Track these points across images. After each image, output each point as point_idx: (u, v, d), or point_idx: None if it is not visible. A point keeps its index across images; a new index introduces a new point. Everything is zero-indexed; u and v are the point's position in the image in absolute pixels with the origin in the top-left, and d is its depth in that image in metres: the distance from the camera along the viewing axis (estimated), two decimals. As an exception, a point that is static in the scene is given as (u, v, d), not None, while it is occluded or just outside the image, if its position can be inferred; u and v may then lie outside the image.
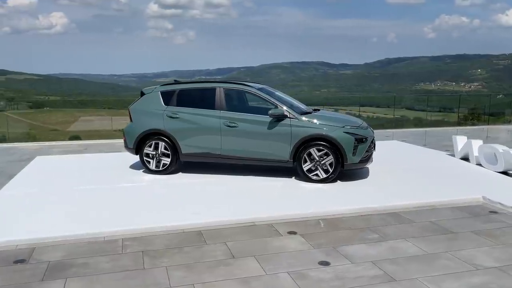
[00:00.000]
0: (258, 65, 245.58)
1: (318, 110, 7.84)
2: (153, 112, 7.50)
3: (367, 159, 7.08)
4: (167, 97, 7.57)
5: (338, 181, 6.99)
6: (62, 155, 9.78)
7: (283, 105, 7.13)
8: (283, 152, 6.99)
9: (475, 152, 8.35)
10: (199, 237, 4.78)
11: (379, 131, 13.71)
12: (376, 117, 25.51)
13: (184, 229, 4.99)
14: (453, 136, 9.29)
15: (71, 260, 4.17)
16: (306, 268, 3.98)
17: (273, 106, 7.09)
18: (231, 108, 7.30)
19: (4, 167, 8.60)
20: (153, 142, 7.43)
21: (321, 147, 6.82)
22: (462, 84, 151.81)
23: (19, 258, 4.21)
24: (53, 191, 6.55)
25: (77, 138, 15.58)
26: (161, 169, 7.48)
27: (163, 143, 7.39)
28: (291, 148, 6.92)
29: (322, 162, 6.84)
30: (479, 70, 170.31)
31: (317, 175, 6.89)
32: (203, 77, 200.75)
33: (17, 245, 4.53)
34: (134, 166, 8.09)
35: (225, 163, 7.50)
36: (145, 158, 7.53)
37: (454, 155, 9.11)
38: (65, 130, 22.87)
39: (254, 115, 7.16)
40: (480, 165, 8.16)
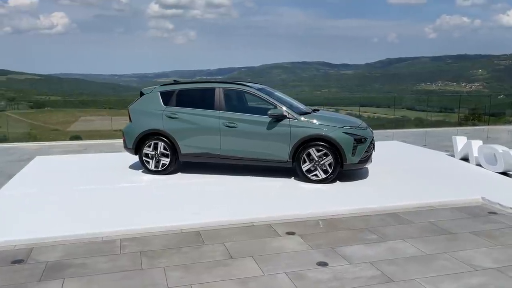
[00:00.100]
0: (259, 65, 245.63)
1: (318, 111, 7.83)
2: (153, 112, 7.50)
3: (366, 159, 7.07)
4: (166, 97, 7.57)
5: (338, 181, 6.98)
6: (61, 155, 9.79)
7: (282, 105, 7.12)
8: (282, 152, 6.98)
9: (475, 153, 8.34)
10: (197, 237, 4.77)
11: (379, 131, 13.71)
12: (377, 117, 25.48)
13: (182, 229, 4.99)
14: (453, 136, 9.27)
15: (69, 260, 4.17)
16: (304, 269, 3.98)
17: (273, 107, 7.09)
18: (231, 108, 7.30)
19: (4, 167, 8.60)
20: (153, 142, 7.43)
21: (320, 148, 6.81)
22: (463, 85, 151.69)
23: (17, 258, 4.21)
24: (51, 191, 6.55)
25: (77, 138, 15.59)
26: (160, 169, 7.48)
27: (162, 143, 7.39)
28: (290, 148, 6.92)
29: (321, 163, 6.83)
30: (480, 70, 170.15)
31: (316, 175, 6.88)
32: (204, 77, 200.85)
33: (15, 245, 4.52)
34: (133, 166, 8.09)
35: (224, 164, 7.50)
36: (144, 158, 7.53)
37: (454, 155, 9.10)
38: (65, 130, 22.89)
39: (254, 115, 7.16)
40: (480, 165, 8.15)
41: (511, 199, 5.94)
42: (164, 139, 7.38)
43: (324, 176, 6.85)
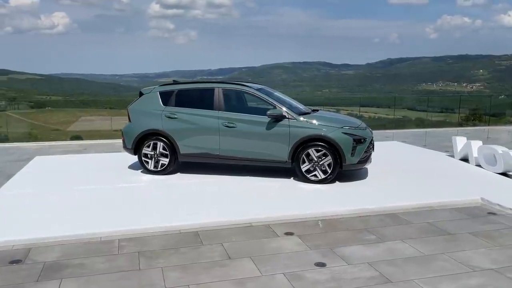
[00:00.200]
0: (260, 65, 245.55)
1: (317, 111, 7.82)
2: (152, 113, 7.49)
3: (365, 159, 7.06)
4: (165, 97, 7.56)
5: (337, 181, 6.97)
6: (61, 155, 9.78)
7: (281, 106, 7.11)
8: (281, 152, 6.97)
9: (475, 153, 8.32)
10: (195, 237, 4.77)
11: (379, 131, 13.70)
12: (378, 117, 25.46)
13: (181, 229, 4.98)
14: (453, 137, 9.26)
15: (67, 260, 4.17)
16: (302, 269, 3.97)
17: (272, 107, 7.08)
18: (230, 108, 7.29)
19: (3, 167, 8.60)
20: (152, 142, 7.43)
21: (319, 148, 6.80)
22: (464, 85, 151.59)
23: (15, 259, 4.21)
24: (50, 191, 6.54)
25: (78, 138, 15.59)
26: (159, 169, 7.47)
27: (162, 143, 7.38)
28: (290, 148, 6.91)
29: (321, 163, 6.82)
30: (481, 70, 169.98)
31: (315, 175, 6.87)
32: (205, 77, 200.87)
33: (13, 245, 4.52)
34: (132, 167, 8.08)
35: (223, 164, 7.49)
36: (143, 159, 7.52)
37: (453, 156, 9.08)
38: (65, 130, 22.90)
39: (253, 115, 7.15)
40: (480, 166, 8.14)
41: (510, 199, 5.93)
42: (163, 139, 7.38)
43: (323, 176, 6.84)
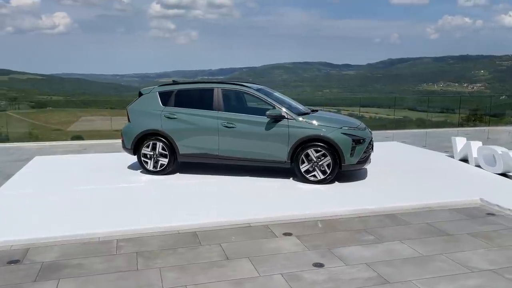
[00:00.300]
0: (261, 65, 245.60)
1: (317, 111, 7.82)
2: (151, 113, 7.49)
3: (365, 160, 7.05)
4: (165, 97, 7.56)
5: (336, 182, 6.97)
6: (61, 155, 9.79)
7: (281, 106, 7.11)
8: (280, 153, 6.97)
9: (474, 154, 8.31)
10: (194, 238, 4.76)
11: (380, 132, 13.70)
12: (379, 118, 25.44)
13: (179, 230, 4.98)
14: (452, 137, 9.25)
15: (65, 260, 4.17)
16: (300, 270, 3.97)
17: (271, 107, 7.07)
18: (229, 108, 7.29)
19: (2, 167, 8.61)
20: (151, 142, 7.43)
21: (318, 148, 6.80)
22: (465, 85, 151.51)
23: (13, 259, 4.21)
24: (49, 191, 6.55)
25: (79, 138, 15.57)
26: (158, 169, 7.47)
27: (161, 143, 7.38)
28: (289, 149, 6.90)
29: (320, 163, 6.81)
30: (482, 71, 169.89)
31: (314, 176, 6.87)
32: (206, 77, 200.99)
33: (11, 245, 4.52)
34: (132, 167, 8.08)
35: (222, 164, 7.49)
36: (142, 159, 7.52)
37: (453, 156, 9.07)
38: (66, 130, 22.90)
39: (252, 115, 7.15)
40: (479, 166, 8.12)
41: (509, 200, 5.92)
42: (162, 139, 7.38)
43: (322, 176, 6.83)
